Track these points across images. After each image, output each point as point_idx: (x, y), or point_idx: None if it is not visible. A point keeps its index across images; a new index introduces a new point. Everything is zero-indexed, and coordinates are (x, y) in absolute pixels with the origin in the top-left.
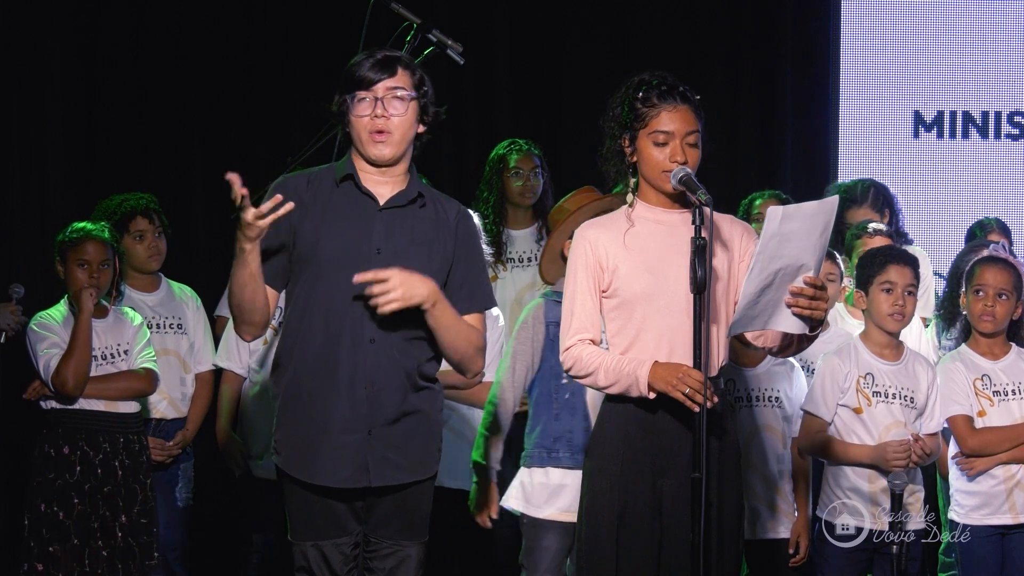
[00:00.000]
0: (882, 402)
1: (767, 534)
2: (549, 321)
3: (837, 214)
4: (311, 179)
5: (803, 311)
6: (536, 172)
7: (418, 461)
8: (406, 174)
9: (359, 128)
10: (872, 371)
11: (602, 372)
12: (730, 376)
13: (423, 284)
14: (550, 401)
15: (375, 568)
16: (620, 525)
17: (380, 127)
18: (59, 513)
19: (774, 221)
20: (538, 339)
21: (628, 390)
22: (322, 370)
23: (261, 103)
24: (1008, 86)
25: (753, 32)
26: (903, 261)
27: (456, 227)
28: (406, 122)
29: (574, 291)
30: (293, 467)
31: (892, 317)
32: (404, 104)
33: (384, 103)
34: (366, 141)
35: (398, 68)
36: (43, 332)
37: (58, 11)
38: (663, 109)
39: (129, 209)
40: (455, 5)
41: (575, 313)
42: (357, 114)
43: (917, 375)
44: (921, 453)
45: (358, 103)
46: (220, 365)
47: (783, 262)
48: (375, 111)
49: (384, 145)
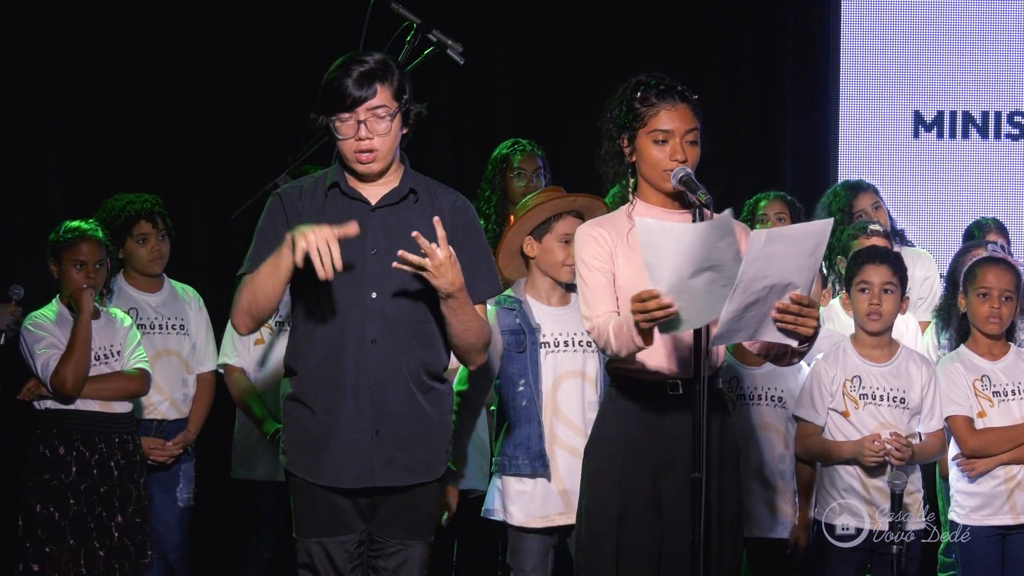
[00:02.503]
0: (870, 404)
1: (767, 533)
2: (503, 329)
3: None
4: (303, 191)
5: (788, 327)
6: (539, 173)
7: (425, 462)
8: (397, 171)
9: (344, 147)
10: (860, 373)
11: (612, 336)
12: (733, 374)
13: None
14: (508, 408)
15: (379, 567)
16: (620, 525)
17: (365, 147)
18: (55, 514)
19: (756, 245)
20: (496, 348)
21: (630, 346)
22: (327, 373)
23: (261, 103)
24: (1008, 86)
25: (753, 32)
26: (879, 260)
27: (452, 218)
28: (391, 138)
29: (588, 274)
30: (300, 468)
31: (869, 317)
32: (386, 123)
33: (367, 125)
34: (352, 160)
35: (376, 86)
36: (39, 332)
37: (58, 11)
38: (662, 108)
39: (133, 212)
40: (455, 5)
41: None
42: (340, 136)
43: (910, 375)
44: (898, 452)
45: (340, 125)
46: (228, 362)
47: (769, 281)
48: (358, 134)
49: (371, 163)
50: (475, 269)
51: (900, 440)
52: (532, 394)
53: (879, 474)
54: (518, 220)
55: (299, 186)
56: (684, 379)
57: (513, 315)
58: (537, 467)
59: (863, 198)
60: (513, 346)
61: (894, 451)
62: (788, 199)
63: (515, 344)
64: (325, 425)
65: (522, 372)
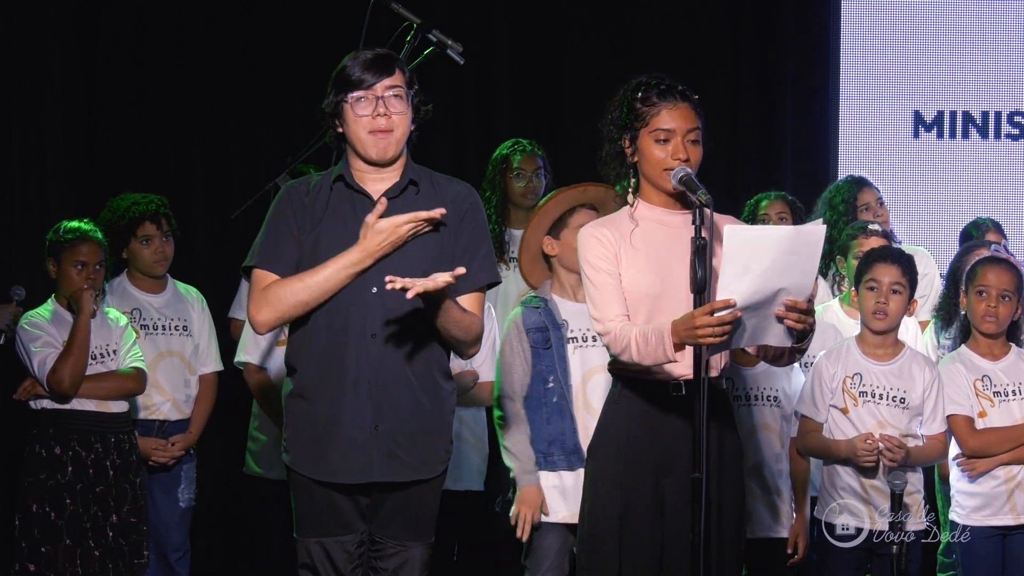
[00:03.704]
0: (869, 402)
1: (765, 533)
2: (528, 328)
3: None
4: (311, 186)
5: (793, 325)
6: (539, 173)
7: (424, 459)
8: (399, 165)
9: (359, 128)
10: (861, 371)
11: (633, 345)
12: (729, 375)
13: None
14: (540, 406)
15: (379, 568)
16: (623, 525)
17: (383, 126)
18: (51, 513)
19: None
20: (525, 348)
21: (657, 359)
22: (328, 369)
23: (261, 103)
24: (1008, 86)
25: (753, 32)
26: (890, 260)
27: (455, 206)
28: (406, 120)
29: (595, 275)
30: (302, 465)
31: (875, 316)
32: (403, 102)
33: (385, 102)
34: (366, 141)
35: (395, 67)
36: (35, 331)
37: (58, 11)
38: (663, 107)
39: (138, 213)
40: (455, 5)
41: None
42: (358, 113)
43: (913, 375)
44: (890, 453)
45: (358, 103)
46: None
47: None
48: (376, 110)
49: (387, 143)
50: (473, 255)
51: (892, 441)
52: (562, 389)
53: (875, 474)
54: (532, 223)
55: (307, 181)
56: (687, 380)
57: (538, 312)
58: (574, 461)
59: (867, 193)
60: (540, 343)
61: (886, 451)
62: (789, 199)
63: (542, 341)
64: (326, 420)
65: (551, 368)
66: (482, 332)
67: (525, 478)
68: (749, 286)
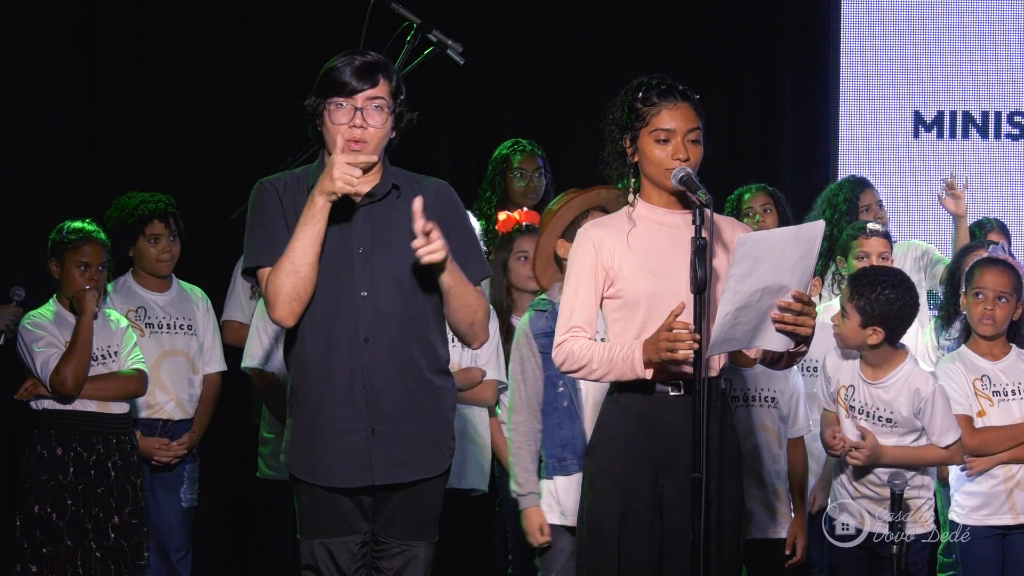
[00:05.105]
0: (856, 417)
1: (764, 534)
2: (536, 333)
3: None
4: (288, 183)
5: (787, 327)
6: (539, 173)
7: (425, 459)
8: (378, 170)
9: (334, 134)
10: (854, 383)
11: (595, 362)
12: (726, 376)
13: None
14: (552, 410)
15: (383, 568)
16: (622, 525)
17: (357, 137)
18: (52, 514)
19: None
20: (535, 354)
21: (623, 375)
22: (321, 373)
23: (261, 103)
24: (1008, 86)
25: (753, 32)
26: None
27: (437, 206)
28: (382, 132)
29: (576, 288)
30: (299, 468)
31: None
32: (383, 115)
33: (363, 114)
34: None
35: (379, 78)
36: (37, 331)
37: (58, 11)
38: (664, 107)
39: (146, 212)
40: (455, 5)
41: (574, 310)
42: (335, 121)
43: (898, 397)
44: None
45: (336, 109)
46: (252, 365)
47: (761, 284)
48: (353, 121)
49: (359, 154)
50: (466, 253)
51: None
52: (571, 393)
53: (863, 475)
54: (546, 226)
55: (282, 179)
56: (685, 379)
57: (546, 316)
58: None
59: (868, 194)
60: (549, 348)
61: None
62: (770, 190)
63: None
64: (321, 426)
65: (560, 373)
66: (489, 311)
67: (524, 499)
68: (751, 286)
